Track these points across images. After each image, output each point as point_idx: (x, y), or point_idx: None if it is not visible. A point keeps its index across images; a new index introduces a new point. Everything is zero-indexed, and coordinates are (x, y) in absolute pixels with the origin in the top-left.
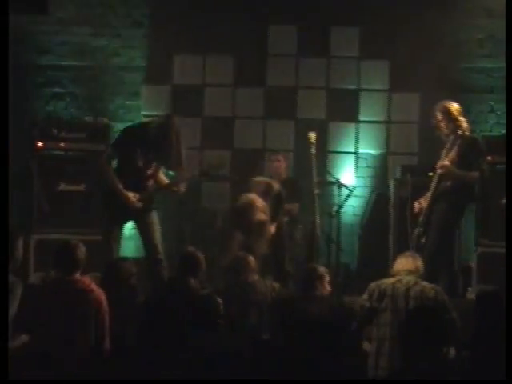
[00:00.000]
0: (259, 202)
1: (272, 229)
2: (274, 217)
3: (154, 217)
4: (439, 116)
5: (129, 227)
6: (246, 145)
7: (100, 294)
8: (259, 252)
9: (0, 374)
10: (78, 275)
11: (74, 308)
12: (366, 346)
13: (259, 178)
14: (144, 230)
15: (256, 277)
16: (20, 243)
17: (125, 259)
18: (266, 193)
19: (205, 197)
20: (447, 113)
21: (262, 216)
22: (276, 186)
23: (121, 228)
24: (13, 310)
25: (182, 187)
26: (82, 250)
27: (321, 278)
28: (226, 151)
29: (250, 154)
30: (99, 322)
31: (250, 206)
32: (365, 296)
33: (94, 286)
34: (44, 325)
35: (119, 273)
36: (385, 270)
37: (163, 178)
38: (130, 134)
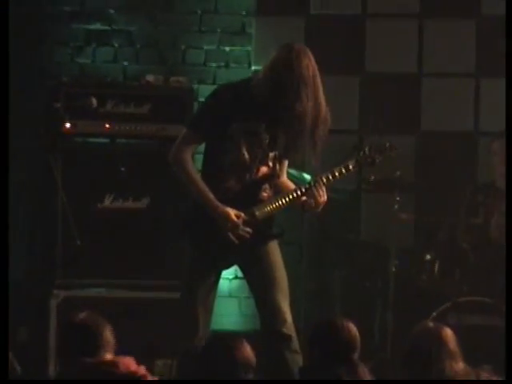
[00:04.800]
0: None
1: None
2: None
3: (275, 253)
4: None
5: (230, 274)
6: (443, 126)
7: None
8: None
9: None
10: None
11: None
12: None
13: None
14: (258, 278)
15: None
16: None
17: (227, 335)
18: None
19: (367, 222)
20: None
21: None
22: None
23: (214, 276)
24: None
25: (321, 200)
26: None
27: None
28: (406, 136)
29: (451, 141)
30: None
31: None
32: None
33: (144, 371)
34: None
35: (218, 364)
36: None
37: (288, 182)
38: (223, 101)
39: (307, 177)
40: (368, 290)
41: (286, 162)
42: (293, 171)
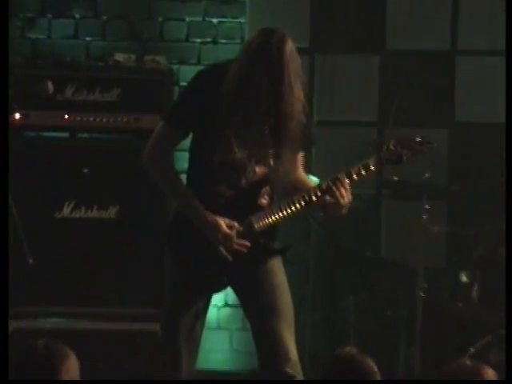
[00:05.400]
0: None
1: None
2: None
3: (279, 273)
4: None
5: (219, 300)
6: (483, 116)
7: None
8: None
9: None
10: None
11: None
12: None
13: None
14: (256, 304)
15: None
16: None
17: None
18: None
19: (389, 235)
20: None
21: None
22: None
23: (202, 302)
24: None
25: (345, 201)
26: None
27: None
28: (437, 130)
29: (493, 135)
30: None
31: None
32: None
33: None
34: None
35: None
36: None
37: (306, 178)
38: (209, 85)
39: (314, 179)
40: (390, 319)
41: (300, 156)
42: None
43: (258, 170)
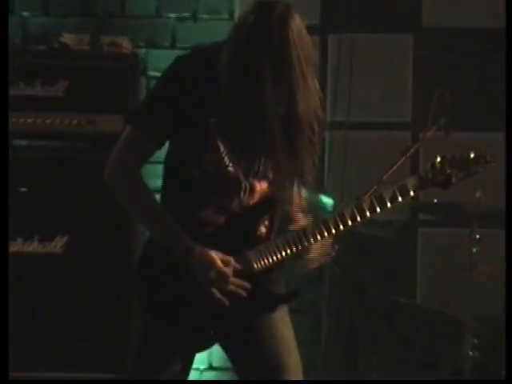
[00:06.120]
0: None
1: None
2: None
3: (285, 327)
4: None
5: (201, 362)
6: None
7: None
8: None
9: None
10: None
11: None
12: None
13: None
14: (256, 366)
15: None
16: None
17: None
18: None
19: (427, 276)
20: None
21: None
22: None
23: (181, 363)
24: None
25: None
26: None
27: None
28: (493, 133)
29: None
30: None
31: None
32: None
33: None
34: None
35: None
36: None
37: (299, 213)
38: (188, 78)
39: (327, 201)
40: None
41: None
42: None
43: (258, 187)
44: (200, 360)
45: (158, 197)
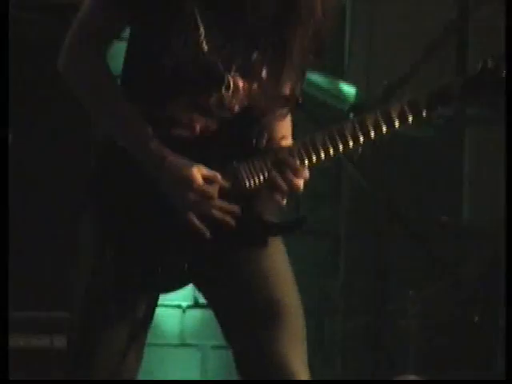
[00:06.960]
0: None
1: None
2: None
3: (278, 259)
4: None
5: (184, 298)
6: None
7: None
8: None
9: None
10: None
11: None
12: None
13: None
14: (242, 312)
15: None
16: None
17: None
18: None
19: (478, 192)
20: None
21: None
22: None
23: (144, 303)
24: None
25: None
26: None
27: None
28: None
29: None
30: None
31: None
32: None
33: None
34: None
35: None
36: None
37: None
38: None
39: (348, 90)
40: (477, 327)
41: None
42: (316, 77)
43: (242, 85)
44: (183, 296)
45: None
